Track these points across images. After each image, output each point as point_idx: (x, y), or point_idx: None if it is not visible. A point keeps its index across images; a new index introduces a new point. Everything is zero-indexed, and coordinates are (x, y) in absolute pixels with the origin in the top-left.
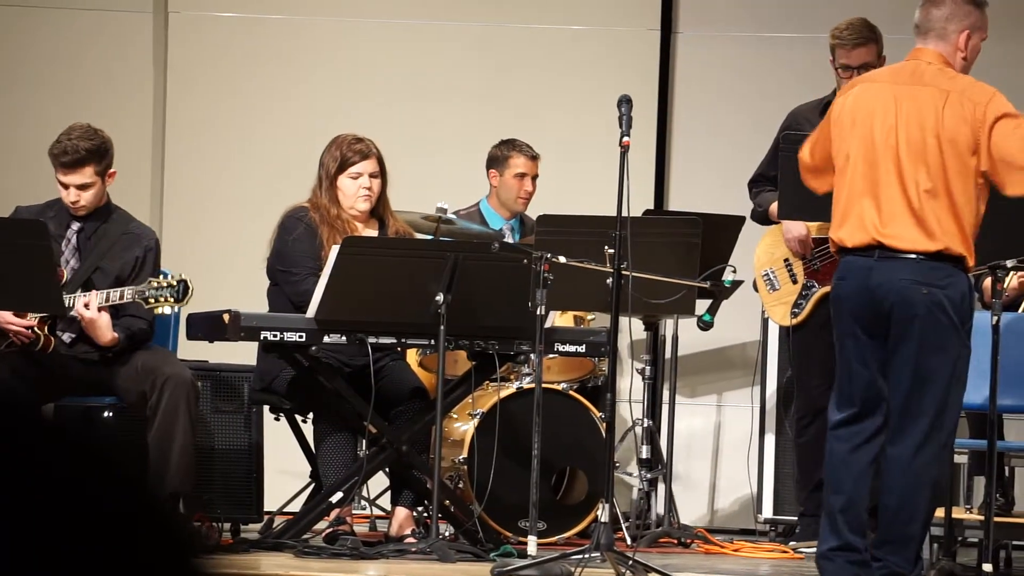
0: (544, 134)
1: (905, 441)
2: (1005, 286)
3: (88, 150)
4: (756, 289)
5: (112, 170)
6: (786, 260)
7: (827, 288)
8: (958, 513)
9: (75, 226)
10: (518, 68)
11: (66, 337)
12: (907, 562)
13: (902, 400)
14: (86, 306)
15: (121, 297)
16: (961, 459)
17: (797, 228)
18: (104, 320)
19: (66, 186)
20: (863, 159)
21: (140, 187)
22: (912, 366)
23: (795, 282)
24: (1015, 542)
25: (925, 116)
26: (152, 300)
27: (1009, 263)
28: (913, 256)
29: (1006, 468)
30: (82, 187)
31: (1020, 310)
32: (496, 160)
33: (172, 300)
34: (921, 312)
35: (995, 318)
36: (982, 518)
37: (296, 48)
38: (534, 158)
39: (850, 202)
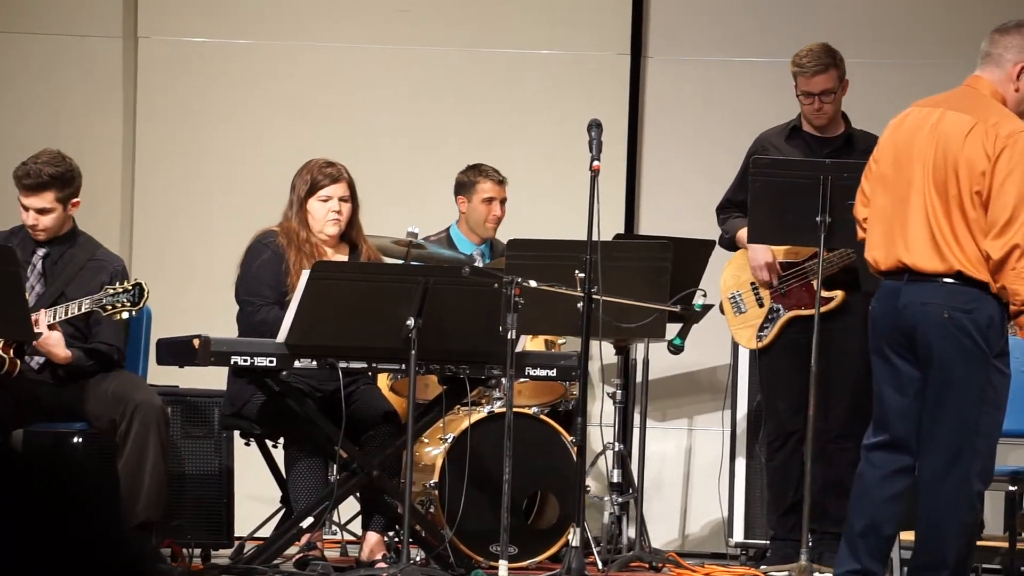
0: (515, 158)
1: (931, 465)
2: None
3: (51, 176)
4: (722, 312)
5: (76, 199)
6: (752, 284)
7: (794, 312)
8: None
9: (41, 252)
10: (489, 93)
11: (34, 362)
12: None
13: (928, 423)
14: (35, 322)
15: (79, 308)
16: None
17: (763, 255)
18: (55, 337)
19: (26, 208)
20: (898, 181)
21: (110, 211)
22: (936, 389)
23: (761, 306)
24: (984, 565)
25: (951, 142)
26: (110, 307)
27: None
28: (939, 280)
29: None
30: (41, 211)
31: None
32: (463, 186)
33: (129, 304)
34: (942, 335)
35: None
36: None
37: (265, 73)
38: (501, 182)
39: (883, 223)
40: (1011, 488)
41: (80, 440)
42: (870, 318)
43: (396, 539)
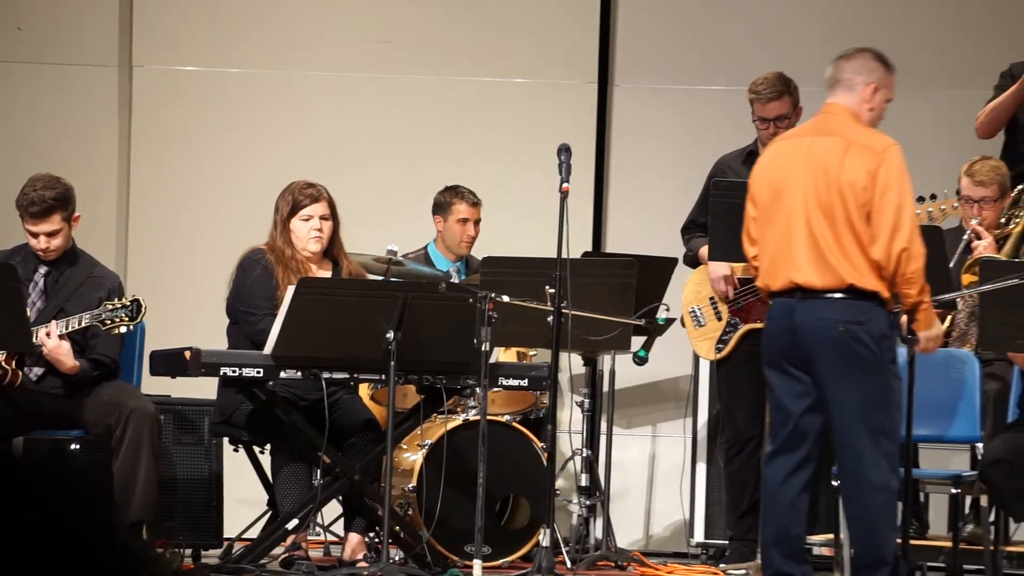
0: (489, 180)
1: (851, 472)
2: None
3: (54, 199)
4: (684, 325)
5: (76, 214)
6: (712, 298)
7: (751, 325)
8: None
9: (42, 270)
10: (465, 118)
11: (34, 373)
12: None
13: (839, 433)
14: (47, 335)
15: (80, 323)
16: None
17: (721, 269)
18: (65, 348)
19: (35, 235)
20: (780, 211)
21: (106, 232)
22: (841, 400)
23: (720, 319)
24: (929, 563)
25: (830, 165)
26: (109, 322)
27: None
28: (831, 295)
29: (921, 494)
30: (51, 234)
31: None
32: (440, 206)
33: (127, 319)
34: (840, 348)
35: (910, 354)
36: (898, 541)
37: (253, 99)
38: (475, 204)
39: (770, 252)
40: (954, 491)
41: (77, 447)
42: (765, 335)
43: (376, 540)
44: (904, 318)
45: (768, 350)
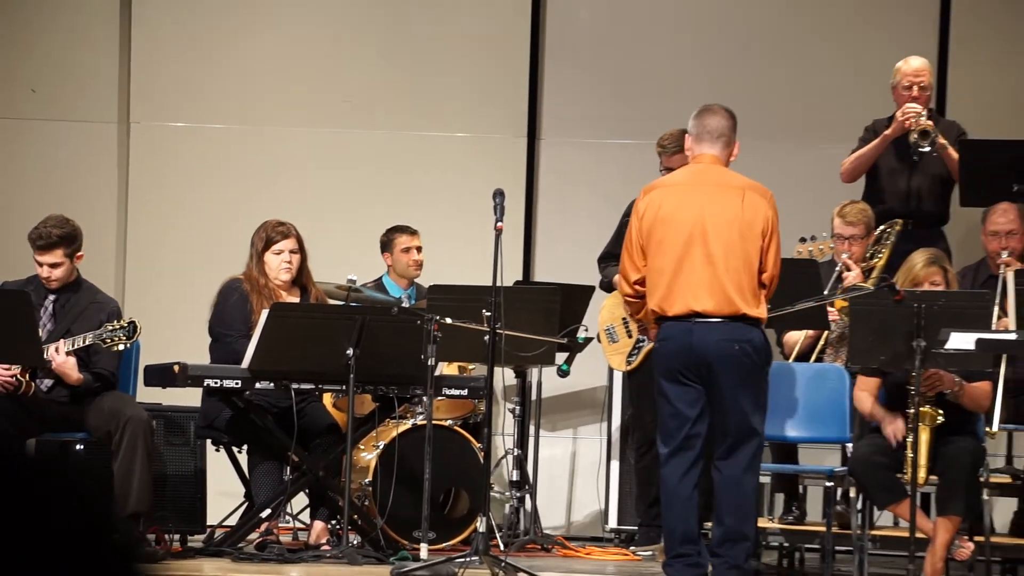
0: (434, 220)
1: (737, 461)
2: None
3: (59, 236)
4: (599, 342)
5: (80, 253)
6: (623, 319)
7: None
8: (762, 522)
9: (52, 297)
10: (413, 167)
11: (44, 384)
12: (743, 554)
13: (730, 430)
14: (56, 351)
15: (84, 341)
16: (765, 479)
17: None
18: (71, 363)
19: (40, 264)
20: (679, 245)
21: (106, 263)
22: (733, 403)
23: (630, 336)
24: (807, 546)
25: (729, 210)
26: (109, 340)
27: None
28: (727, 320)
29: (800, 487)
30: (53, 265)
31: (811, 360)
32: (385, 245)
33: (125, 338)
34: (735, 361)
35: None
36: (781, 526)
37: (232, 151)
38: (413, 233)
39: (668, 279)
40: (828, 483)
41: (81, 447)
42: (662, 351)
43: (338, 526)
44: (785, 337)
45: (665, 365)
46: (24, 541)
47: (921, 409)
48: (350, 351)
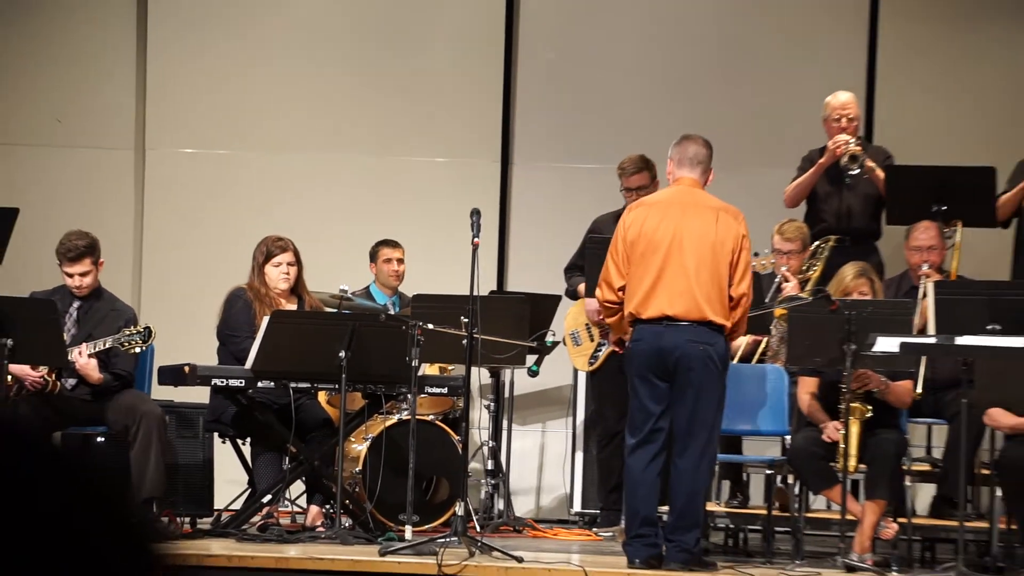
0: (418, 237)
1: (691, 455)
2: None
3: (85, 247)
4: (565, 345)
5: (102, 260)
6: (587, 324)
7: (614, 347)
8: (710, 506)
9: (76, 304)
10: (398, 188)
11: (68, 383)
12: (694, 540)
13: (687, 426)
14: (79, 354)
15: (104, 344)
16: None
17: (595, 303)
18: (92, 364)
19: (71, 275)
20: (658, 257)
21: (124, 276)
22: (694, 401)
23: (592, 340)
24: (750, 527)
25: (704, 228)
26: (127, 343)
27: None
28: (694, 325)
29: (743, 474)
30: (83, 274)
31: (753, 362)
32: (372, 256)
33: (141, 342)
34: (700, 363)
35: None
36: (727, 510)
37: (237, 174)
38: (395, 246)
39: (647, 286)
40: (768, 471)
41: (102, 439)
42: (634, 352)
43: (331, 510)
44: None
45: (636, 364)
46: (54, 521)
47: (851, 405)
48: (342, 353)
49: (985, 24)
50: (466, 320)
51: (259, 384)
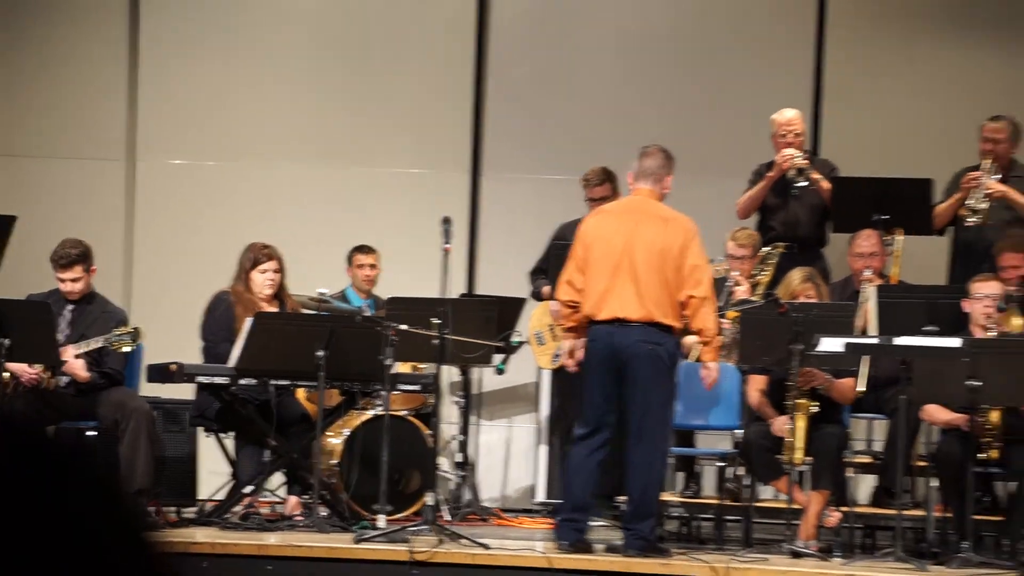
0: (391, 244)
1: (645, 449)
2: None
3: (76, 254)
4: (530, 343)
5: (94, 267)
6: (550, 324)
7: None
8: (665, 496)
9: (69, 307)
10: (373, 197)
11: (62, 381)
12: (650, 529)
13: (640, 419)
14: (67, 354)
15: (96, 343)
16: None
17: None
18: (79, 363)
19: (63, 280)
20: (611, 263)
21: (114, 280)
22: (644, 396)
23: (555, 339)
24: (702, 515)
25: (654, 236)
26: (116, 343)
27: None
28: (643, 325)
29: (696, 466)
30: (74, 280)
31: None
32: (348, 260)
33: (130, 341)
34: (649, 362)
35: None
36: (681, 499)
37: (223, 184)
38: (369, 252)
39: (601, 289)
40: (720, 463)
41: (93, 433)
42: (590, 350)
43: (309, 500)
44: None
45: (590, 361)
46: (49, 511)
47: (798, 401)
48: (320, 352)
49: (925, 45)
50: (437, 321)
51: (241, 381)
